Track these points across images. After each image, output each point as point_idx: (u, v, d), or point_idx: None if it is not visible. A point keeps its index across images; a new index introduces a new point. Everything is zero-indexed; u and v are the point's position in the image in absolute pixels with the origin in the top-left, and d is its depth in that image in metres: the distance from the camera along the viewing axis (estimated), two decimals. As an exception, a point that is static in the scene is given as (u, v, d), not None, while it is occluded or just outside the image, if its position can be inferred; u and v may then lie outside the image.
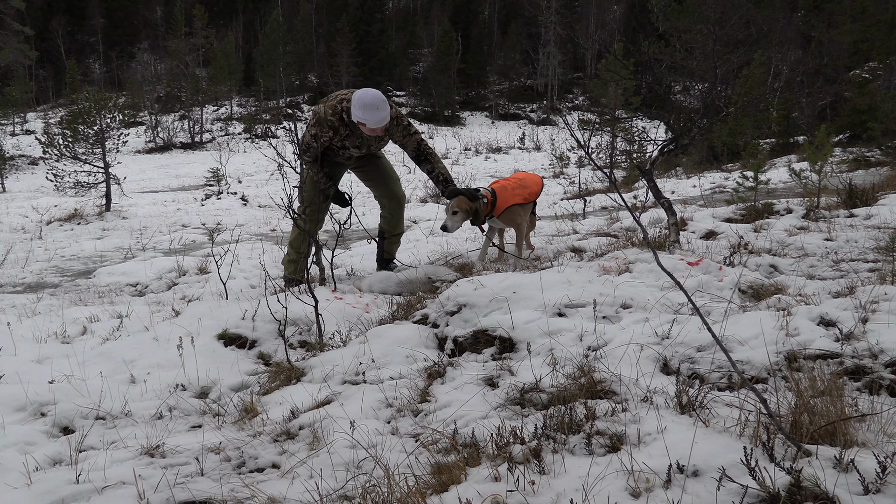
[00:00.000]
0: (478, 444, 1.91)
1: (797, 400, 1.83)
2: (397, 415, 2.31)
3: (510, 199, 4.71)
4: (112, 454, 2.16)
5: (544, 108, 43.76)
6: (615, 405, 2.02)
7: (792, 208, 6.09)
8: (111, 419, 2.52)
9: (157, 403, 2.63)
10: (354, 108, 4.04)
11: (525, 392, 2.26)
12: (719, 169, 14.77)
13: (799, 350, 2.31)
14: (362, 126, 4.11)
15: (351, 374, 2.73)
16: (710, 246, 4.43)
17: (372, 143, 4.40)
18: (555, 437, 1.86)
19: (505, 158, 27.13)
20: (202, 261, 6.40)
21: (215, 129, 38.19)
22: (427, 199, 12.49)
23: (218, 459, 2.11)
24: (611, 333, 2.70)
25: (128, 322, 3.79)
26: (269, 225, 10.37)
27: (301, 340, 3.32)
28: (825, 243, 4.40)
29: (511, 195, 4.72)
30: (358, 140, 4.33)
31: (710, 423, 1.85)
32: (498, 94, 45.16)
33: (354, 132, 4.27)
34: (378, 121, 4.05)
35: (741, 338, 2.44)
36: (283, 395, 2.61)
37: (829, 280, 3.43)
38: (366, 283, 4.29)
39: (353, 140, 4.32)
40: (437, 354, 2.89)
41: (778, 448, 1.64)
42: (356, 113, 4.05)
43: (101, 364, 3.03)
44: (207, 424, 2.45)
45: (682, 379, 2.22)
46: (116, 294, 5.43)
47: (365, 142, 4.36)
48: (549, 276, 3.41)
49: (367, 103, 4.00)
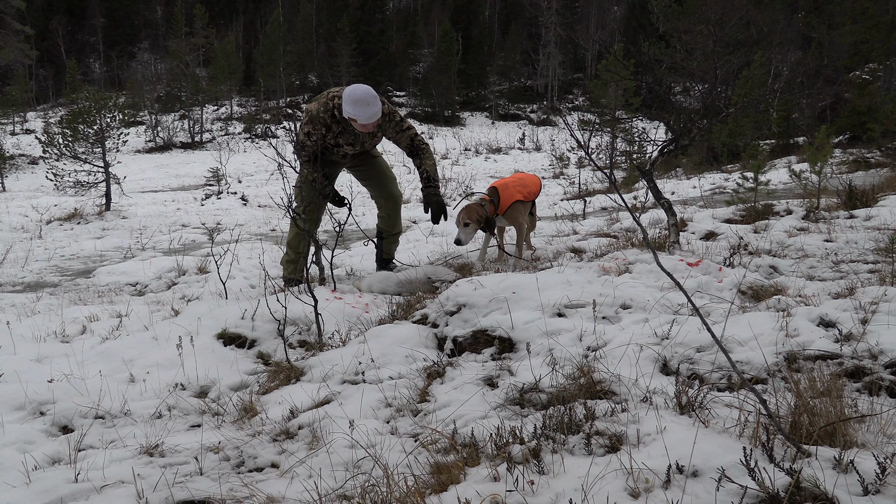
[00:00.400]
0: (477, 443, 1.91)
1: (797, 401, 1.83)
2: (396, 414, 2.31)
3: (513, 196, 4.72)
4: (111, 453, 2.16)
5: (544, 108, 43.77)
6: (615, 405, 2.02)
7: (792, 209, 6.09)
8: (110, 418, 2.52)
9: (156, 403, 2.63)
10: (345, 105, 4.02)
11: (524, 392, 2.25)
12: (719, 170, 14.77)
13: (798, 351, 2.31)
14: (353, 122, 4.08)
15: (350, 373, 2.73)
16: (710, 247, 4.42)
17: (365, 139, 4.37)
18: (554, 438, 1.85)
19: (505, 159, 27.13)
20: (202, 260, 6.39)
21: (215, 129, 38.18)
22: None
23: (217, 459, 2.11)
24: (610, 334, 2.70)
25: (127, 321, 3.79)
26: (268, 225, 10.37)
27: (300, 340, 3.32)
28: (825, 244, 4.40)
29: (513, 191, 4.74)
30: (351, 137, 4.30)
31: (709, 424, 1.85)
32: (498, 94, 45.17)
33: (347, 129, 4.25)
34: (368, 116, 4.02)
35: (741, 338, 2.44)
36: (282, 395, 2.61)
37: (828, 281, 3.43)
38: (365, 283, 4.29)
39: (346, 137, 4.29)
40: (436, 354, 2.89)
41: (777, 449, 1.64)
42: (346, 109, 4.02)
43: (100, 363, 3.02)
44: (206, 424, 2.45)
45: (682, 379, 2.21)
46: (116, 293, 5.43)
47: (358, 139, 4.33)
48: (549, 277, 3.41)
49: (356, 99, 3.98)
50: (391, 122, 4.31)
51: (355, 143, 4.35)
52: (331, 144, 4.31)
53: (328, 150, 4.35)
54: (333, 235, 4.80)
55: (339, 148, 4.36)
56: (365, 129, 4.12)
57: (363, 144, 4.41)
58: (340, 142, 4.31)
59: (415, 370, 2.70)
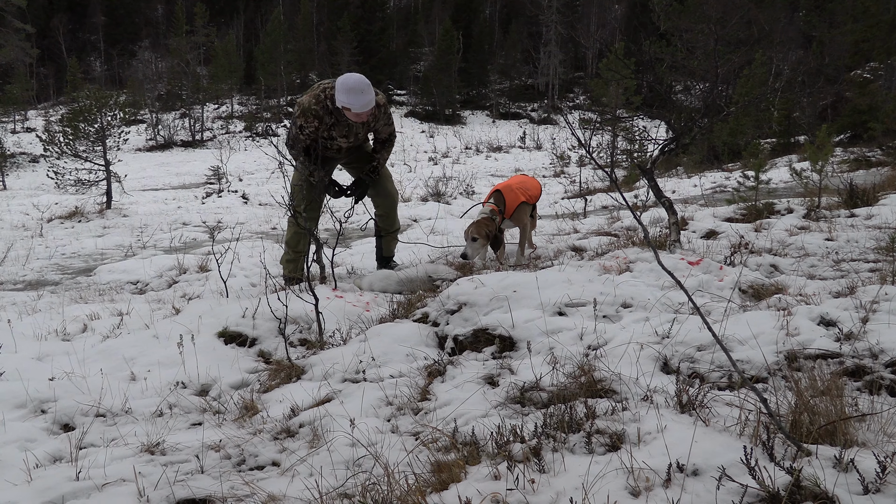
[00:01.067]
0: (478, 442, 1.91)
1: (797, 399, 1.83)
2: (397, 413, 2.31)
3: (518, 197, 4.70)
4: (112, 451, 2.16)
5: (545, 107, 43.72)
6: (615, 404, 2.02)
7: (793, 208, 6.09)
8: (111, 416, 2.53)
9: (157, 401, 2.63)
10: (338, 93, 3.97)
11: (525, 391, 2.26)
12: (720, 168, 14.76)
13: (799, 350, 2.31)
14: (347, 112, 4.04)
15: (351, 372, 2.73)
16: (711, 245, 4.42)
17: (359, 130, 4.32)
18: (555, 436, 1.86)
19: (506, 157, 27.08)
20: (203, 259, 6.39)
21: (216, 128, 38.16)
22: (428, 197, 12.48)
23: (218, 457, 2.11)
24: (611, 332, 2.70)
25: (128, 320, 3.79)
26: (269, 223, 10.36)
27: (301, 338, 3.32)
28: (826, 243, 4.40)
29: (518, 193, 4.71)
30: (344, 129, 4.26)
31: (710, 423, 1.85)
32: (499, 93, 45.11)
33: (340, 120, 4.20)
34: (363, 105, 3.97)
35: (741, 337, 2.44)
36: (283, 393, 2.61)
37: (829, 280, 3.43)
38: (366, 282, 4.29)
39: (339, 129, 4.25)
40: (437, 353, 2.89)
41: (778, 447, 1.64)
42: (340, 98, 3.97)
43: (101, 361, 3.03)
44: (207, 422, 2.45)
45: (683, 378, 2.21)
46: (117, 292, 5.42)
47: (352, 130, 4.29)
48: (550, 275, 3.41)
49: (351, 87, 3.93)
50: (384, 115, 4.32)
51: (349, 134, 4.31)
52: (324, 138, 4.26)
53: (322, 144, 4.29)
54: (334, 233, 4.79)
55: (332, 141, 4.31)
56: (359, 118, 4.07)
57: (356, 136, 4.36)
58: (334, 134, 4.27)
59: (415, 369, 2.71)
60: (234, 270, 5.29)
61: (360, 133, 4.38)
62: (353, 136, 4.35)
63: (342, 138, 4.31)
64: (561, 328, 2.81)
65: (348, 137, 4.33)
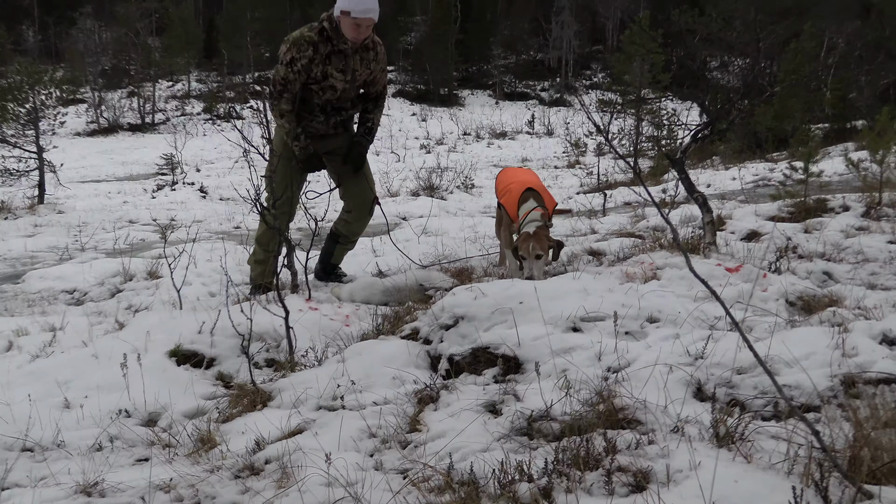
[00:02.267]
0: (477, 481, 1.90)
1: (856, 432, 1.83)
2: (382, 447, 2.31)
3: (552, 198, 4.66)
4: (41, 493, 2.15)
5: (557, 86, 43.90)
6: (640, 436, 2.02)
7: (849, 205, 6.10)
8: (41, 451, 2.52)
9: (95, 432, 2.62)
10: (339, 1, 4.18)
11: (533, 420, 2.26)
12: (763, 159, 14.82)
13: (858, 373, 2.31)
14: (345, 18, 4.18)
15: (327, 398, 2.73)
16: (753, 249, 4.43)
17: (357, 66, 4.44)
18: (568, 474, 1.85)
19: (511, 145, 27.14)
20: (152, 263, 6.37)
21: (170, 109, 38.20)
22: (419, 192, 12.50)
23: (168, 499, 2.10)
24: (635, 352, 2.70)
25: (62, 336, 3.79)
26: (231, 221, 10.36)
27: (268, 359, 3.32)
28: (889, 246, 4.41)
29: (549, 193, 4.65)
30: (341, 62, 4.37)
31: (752, 459, 1.85)
32: (503, 69, 45.27)
33: (336, 48, 4.33)
34: (364, 10, 4.15)
35: (789, 358, 2.44)
36: (246, 423, 2.61)
37: (893, 290, 3.43)
38: (346, 291, 4.29)
39: (336, 62, 4.36)
40: (429, 375, 2.89)
41: (833, 489, 1.64)
42: (340, 3, 4.16)
43: (29, 386, 3.01)
44: (156, 457, 2.44)
45: (719, 406, 2.21)
46: (49, 303, 5.41)
47: (349, 65, 4.39)
48: (563, 284, 3.41)
49: None
50: (382, 57, 4.56)
51: (346, 69, 4.41)
52: (318, 77, 4.36)
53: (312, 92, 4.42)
54: (309, 234, 4.78)
55: (325, 82, 4.40)
56: (358, 31, 4.22)
57: (354, 73, 4.46)
58: (329, 70, 4.37)
59: (403, 394, 2.70)
60: (190, 277, 5.27)
61: (358, 70, 4.48)
62: (351, 72, 4.44)
63: (339, 73, 4.41)
64: (575, 346, 2.80)
65: (345, 74, 4.43)
